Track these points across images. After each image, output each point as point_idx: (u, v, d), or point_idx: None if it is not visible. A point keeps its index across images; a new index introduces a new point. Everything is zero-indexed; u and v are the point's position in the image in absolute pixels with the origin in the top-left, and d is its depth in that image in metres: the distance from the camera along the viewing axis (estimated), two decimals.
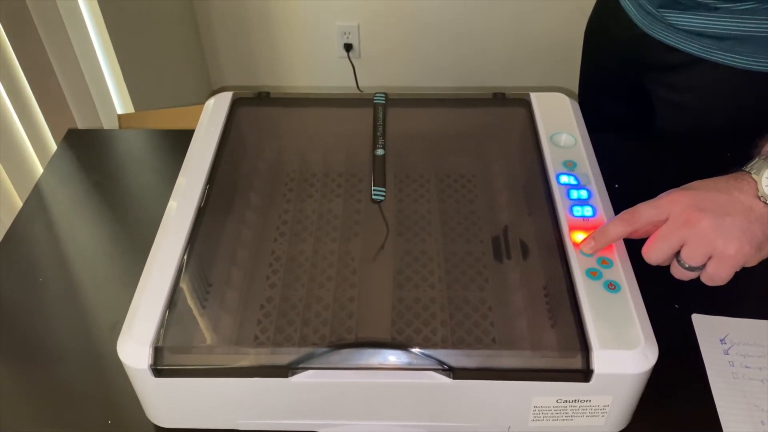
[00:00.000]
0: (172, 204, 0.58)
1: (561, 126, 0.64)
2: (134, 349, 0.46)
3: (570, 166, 0.59)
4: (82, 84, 1.09)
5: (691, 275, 0.49)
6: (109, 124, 1.15)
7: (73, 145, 0.80)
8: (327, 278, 0.58)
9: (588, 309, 0.47)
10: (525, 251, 0.59)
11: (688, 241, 0.47)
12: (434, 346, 0.52)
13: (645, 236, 0.50)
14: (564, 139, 0.62)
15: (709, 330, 0.59)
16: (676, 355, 0.53)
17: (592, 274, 0.50)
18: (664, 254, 0.48)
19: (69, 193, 0.74)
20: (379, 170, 0.61)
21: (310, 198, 0.66)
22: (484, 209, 0.64)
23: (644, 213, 0.49)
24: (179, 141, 0.69)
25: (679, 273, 0.49)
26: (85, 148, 0.80)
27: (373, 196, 0.59)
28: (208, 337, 0.51)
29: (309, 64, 1.74)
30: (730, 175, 0.50)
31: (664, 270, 0.51)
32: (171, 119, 1.13)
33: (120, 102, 1.22)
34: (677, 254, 0.48)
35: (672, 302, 0.61)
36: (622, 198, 0.60)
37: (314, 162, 0.69)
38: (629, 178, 0.72)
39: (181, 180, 0.60)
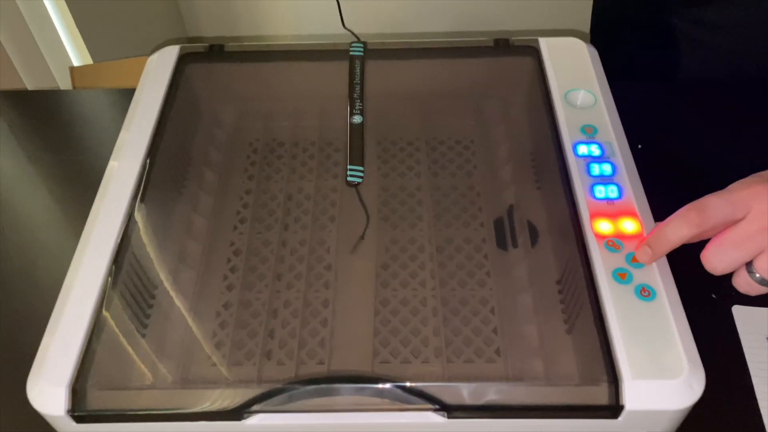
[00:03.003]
0: (103, 191, 0.47)
1: (577, 80, 0.52)
2: (47, 390, 0.37)
3: (590, 133, 0.48)
4: (27, 37, 0.95)
5: (762, 290, 0.38)
6: (63, 80, 1.02)
7: (8, 110, 0.68)
8: (296, 276, 0.48)
9: (616, 323, 0.38)
10: (534, 237, 0.49)
11: None
12: (425, 365, 0.43)
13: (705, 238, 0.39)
14: (582, 97, 0.51)
15: (752, 323, 0.50)
16: (714, 352, 0.44)
17: (620, 276, 0.40)
18: (733, 263, 0.37)
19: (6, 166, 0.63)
20: (356, 143, 0.50)
21: (277, 174, 0.55)
22: (485, 185, 0.53)
23: (716, 210, 0.37)
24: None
25: (745, 285, 0.38)
26: (27, 111, 0.69)
27: (349, 178, 0.48)
28: (144, 368, 0.42)
29: (291, 7, 1.58)
30: None
31: (697, 251, 0.41)
32: (132, 71, 1.00)
33: (77, 55, 1.09)
34: (748, 263, 0.38)
35: (708, 291, 0.51)
36: (646, 162, 0.50)
37: (280, 129, 0.58)
38: (654, 136, 0.61)
39: (114, 159, 0.49)
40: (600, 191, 0.44)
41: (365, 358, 0.43)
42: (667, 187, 0.56)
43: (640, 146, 0.59)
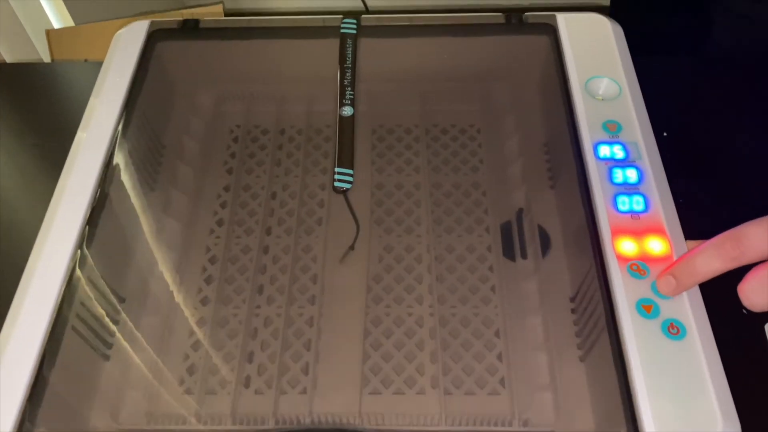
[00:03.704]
0: (60, 190, 0.42)
1: (600, 65, 0.46)
2: None
3: (612, 130, 0.42)
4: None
5: None
6: (43, 48, 0.95)
7: None
8: (278, 289, 0.43)
9: (639, 366, 0.33)
10: (546, 246, 0.44)
11: None
12: (420, 397, 0.38)
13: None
14: (604, 86, 0.45)
15: None
16: (743, 373, 0.39)
17: (645, 308, 0.35)
18: None
19: None
20: (345, 141, 0.44)
21: (260, 167, 0.49)
22: (492, 182, 0.48)
23: (756, 241, 0.32)
24: None
25: None
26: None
27: (336, 183, 0.42)
28: (106, 402, 0.37)
29: None
30: None
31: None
32: (113, 34, 0.93)
33: (59, 22, 1.01)
34: None
35: (738, 307, 0.46)
36: (673, 154, 0.44)
37: (263, 115, 0.52)
38: (682, 122, 0.55)
39: (74, 151, 0.44)
40: (623, 203, 0.39)
41: (353, 388, 0.39)
42: (697, 187, 0.51)
43: (665, 134, 0.53)
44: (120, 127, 0.45)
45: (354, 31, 0.49)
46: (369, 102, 0.51)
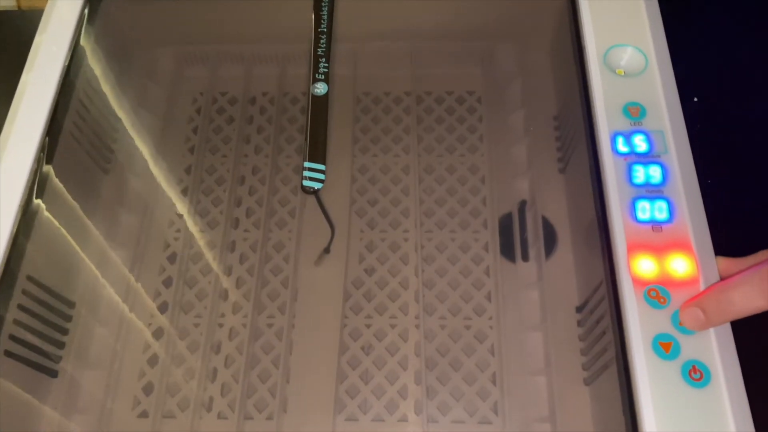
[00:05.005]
0: None
1: (624, 30, 0.38)
2: None
3: (635, 115, 0.35)
4: None
5: None
6: None
7: None
8: (245, 294, 0.38)
9: (651, 416, 0.28)
10: (551, 246, 0.38)
11: None
12: (402, 424, 0.34)
13: None
14: (628, 57, 0.37)
15: None
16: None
17: (663, 346, 0.30)
18: None
19: None
20: (318, 127, 0.37)
21: (226, 145, 0.43)
22: (492, 164, 0.41)
23: None
24: None
25: None
26: None
27: (305, 182, 0.36)
28: (51, 426, 0.33)
29: None
30: None
31: None
32: None
33: None
34: None
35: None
36: (703, 125, 0.38)
37: (230, 82, 0.45)
38: (716, 84, 0.48)
39: (4, 136, 0.38)
40: (644, 210, 0.33)
41: (326, 414, 0.35)
42: (731, 169, 0.44)
43: (695, 99, 0.46)
44: (58, 99, 0.38)
45: None
46: (353, 65, 0.44)
